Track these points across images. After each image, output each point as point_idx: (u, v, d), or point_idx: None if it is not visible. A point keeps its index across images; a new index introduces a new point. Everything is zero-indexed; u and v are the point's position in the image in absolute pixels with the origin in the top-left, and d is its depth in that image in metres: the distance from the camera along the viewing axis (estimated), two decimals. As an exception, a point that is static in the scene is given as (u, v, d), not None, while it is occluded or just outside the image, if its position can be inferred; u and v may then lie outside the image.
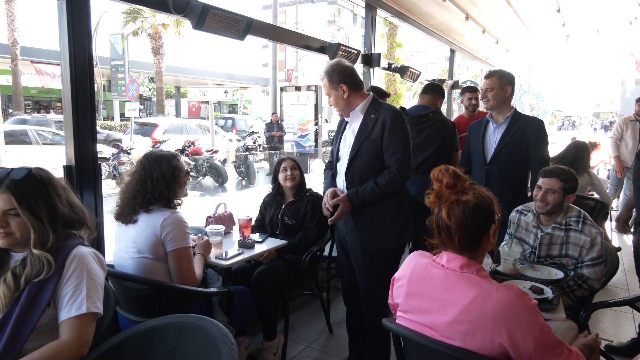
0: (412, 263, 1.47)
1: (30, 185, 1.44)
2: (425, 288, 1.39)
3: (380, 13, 4.64)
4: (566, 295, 2.19)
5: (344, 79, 2.34)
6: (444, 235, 1.37)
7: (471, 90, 4.34)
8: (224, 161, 11.33)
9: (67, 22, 1.98)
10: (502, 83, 2.84)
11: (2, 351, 1.33)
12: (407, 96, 24.92)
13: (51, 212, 1.47)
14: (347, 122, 2.48)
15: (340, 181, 2.42)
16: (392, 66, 4.98)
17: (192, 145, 11.09)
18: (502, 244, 2.28)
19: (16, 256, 1.47)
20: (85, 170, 2.10)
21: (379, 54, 4.44)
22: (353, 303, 2.61)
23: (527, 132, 2.82)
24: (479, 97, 3.00)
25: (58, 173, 1.99)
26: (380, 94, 3.67)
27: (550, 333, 1.28)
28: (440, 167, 1.41)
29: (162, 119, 16.77)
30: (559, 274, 2.16)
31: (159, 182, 2.08)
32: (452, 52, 7.21)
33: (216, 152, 11.07)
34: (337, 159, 2.49)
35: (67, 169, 2.08)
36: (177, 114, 30.60)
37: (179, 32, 21.85)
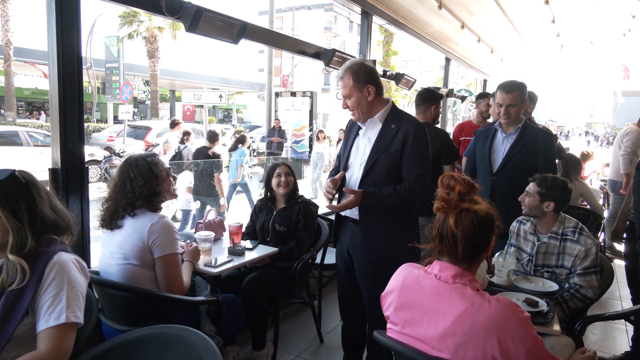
0: (403, 274, 1.44)
1: (12, 186, 1.40)
2: (416, 299, 1.36)
3: (377, 20, 4.64)
4: (559, 307, 2.16)
5: (371, 79, 2.16)
6: (447, 243, 1.34)
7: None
8: (218, 166, 11.24)
9: (55, 21, 1.94)
10: (523, 98, 2.75)
11: None
12: (402, 103, 25.02)
13: (32, 216, 1.42)
14: (359, 128, 2.31)
15: None
16: (388, 73, 4.98)
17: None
18: (497, 254, 2.26)
19: None
20: (72, 173, 2.05)
21: (374, 61, 4.44)
22: (351, 318, 2.52)
23: (537, 145, 2.75)
24: (498, 112, 2.83)
25: (46, 175, 1.96)
26: (433, 97, 3.38)
27: (543, 347, 1.27)
28: (450, 174, 1.39)
29: (156, 122, 16.68)
30: (553, 287, 2.13)
31: (137, 180, 2.03)
32: (448, 60, 7.24)
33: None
34: (346, 167, 2.32)
35: (53, 172, 2.03)
36: (172, 117, 30.47)
37: (175, 36, 21.84)
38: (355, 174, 2.25)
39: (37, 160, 9.05)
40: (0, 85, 19.39)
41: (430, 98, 3.32)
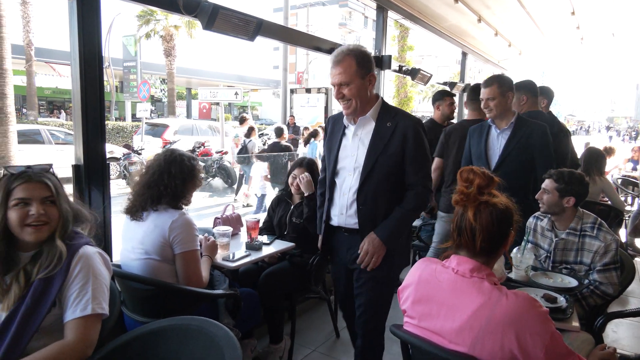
0: (420, 269, 1.44)
1: (55, 177, 1.52)
2: (433, 293, 1.37)
3: (392, 15, 4.60)
4: (578, 304, 2.14)
5: (372, 68, 1.95)
6: (466, 236, 1.34)
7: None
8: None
9: (77, 21, 1.98)
10: (502, 90, 2.76)
11: (6, 349, 1.32)
12: (417, 99, 24.82)
13: (69, 204, 1.54)
14: (344, 127, 2.08)
15: (344, 199, 2.04)
16: (403, 68, 4.94)
17: (202, 146, 11.17)
18: (514, 250, 2.24)
19: (26, 255, 1.47)
20: (93, 169, 2.11)
21: (389, 56, 4.41)
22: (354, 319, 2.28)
23: (532, 138, 2.74)
24: (481, 106, 2.87)
25: (68, 172, 2.02)
26: (475, 92, 3.27)
27: (562, 342, 1.26)
28: (470, 167, 1.40)
29: (173, 120, 16.89)
30: (572, 282, 2.11)
31: (176, 177, 2.07)
32: (464, 55, 7.15)
33: (226, 153, 11.11)
34: (335, 173, 2.09)
35: (76, 168, 2.08)
36: (188, 115, 30.83)
37: (191, 34, 22.03)
38: (348, 180, 2.03)
39: (59, 158, 9.26)
40: (22, 85, 19.84)
41: None
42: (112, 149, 11.38)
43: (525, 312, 1.22)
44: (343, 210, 2.05)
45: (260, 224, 2.89)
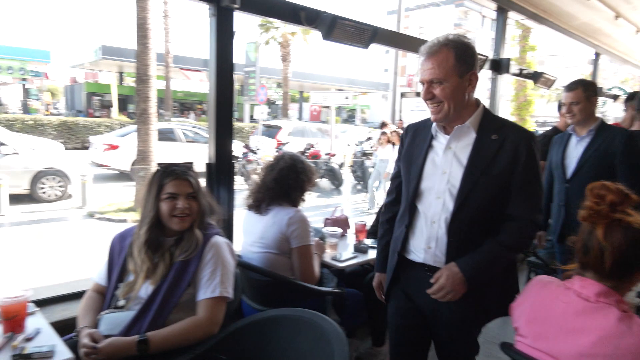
0: (537, 287, 1.38)
1: (196, 175, 1.77)
2: (550, 314, 1.29)
3: (513, 15, 4.36)
4: None
5: (475, 66, 1.57)
6: (594, 256, 1.24)
7: None
8: (341, 165, 11.60)
9: (215, 36, 2.24)
10: (588, 94, 2.54)
11: (153, 317, 1.57)
12: (539, 103, 22.83)
13: (206, 198, 1.79)
14: (431, 137, 1.68)
15: (434, 230, 1.60)
16: (524, 72, 4.65)
17: (312, 148, 11.60)
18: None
19: (169, 239, 1.72)
20: (222, 167, 2.36)
21: (508, 59, 4.19)
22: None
23: (613, 146, 2.49)
24: (564, 111, 2.63)
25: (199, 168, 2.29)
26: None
27: None
28: (602, 183, 1.29)
29: (286, 122, 17.78)
30: None
31: (303, 174, 2.27)
32: (597, 55, 6.47)
33: (334, 155, 11.41)
34: (417, 194, 1.66)
35: (208, 166, 2.35)
36: (300, 117, 32.21)
37: (306, 40, 22.99)
38: (435, 205, 1.60)
39: (189, 155, 10.32)
40: (160, 88, 22.60)
41: None
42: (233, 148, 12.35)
43: None
44: (432, 242, 1.61)
45: (368, 227, 2.96)
